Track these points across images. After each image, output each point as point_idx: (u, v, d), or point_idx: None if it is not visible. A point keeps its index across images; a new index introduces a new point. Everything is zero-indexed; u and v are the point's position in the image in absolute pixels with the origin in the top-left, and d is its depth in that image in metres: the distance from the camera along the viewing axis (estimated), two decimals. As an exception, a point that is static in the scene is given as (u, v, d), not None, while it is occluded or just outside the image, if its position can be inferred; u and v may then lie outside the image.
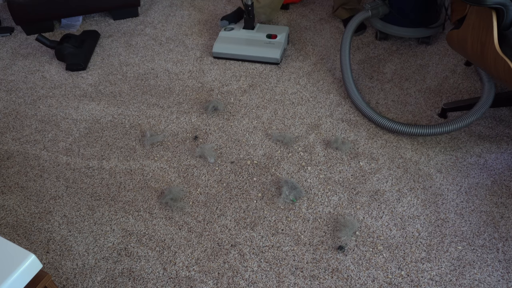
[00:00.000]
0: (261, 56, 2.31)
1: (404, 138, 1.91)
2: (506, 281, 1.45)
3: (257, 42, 2.35)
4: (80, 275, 1.51)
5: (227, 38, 2.40)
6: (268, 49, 2.31)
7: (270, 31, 2.40)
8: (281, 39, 2.35)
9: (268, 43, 2.34)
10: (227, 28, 2.45)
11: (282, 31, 2.39)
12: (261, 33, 2.39)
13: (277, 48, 2.31)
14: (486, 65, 1.64)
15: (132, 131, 2.01)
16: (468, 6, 1.61)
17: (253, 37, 2.38)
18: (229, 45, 2.36)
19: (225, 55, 2.37)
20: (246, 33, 2.41)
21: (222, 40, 2.39)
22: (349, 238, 1.57)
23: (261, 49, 2.31)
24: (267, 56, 2.30)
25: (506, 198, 1.67)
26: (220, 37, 2.42)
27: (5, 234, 1.64)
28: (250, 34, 2.40)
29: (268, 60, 2.32)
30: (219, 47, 2.37)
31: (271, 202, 1.70)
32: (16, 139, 2.00)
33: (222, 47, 2.36)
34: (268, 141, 1.93)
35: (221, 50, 2.36)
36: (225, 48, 2.35)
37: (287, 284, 1.47)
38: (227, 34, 2.43)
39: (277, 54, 2.29)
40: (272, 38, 2.36)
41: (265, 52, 2.30)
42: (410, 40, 2.43)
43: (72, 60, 2.33)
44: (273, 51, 2.30)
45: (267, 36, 2.37)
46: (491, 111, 2.00)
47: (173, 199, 1.71)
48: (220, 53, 2.36)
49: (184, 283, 1.48)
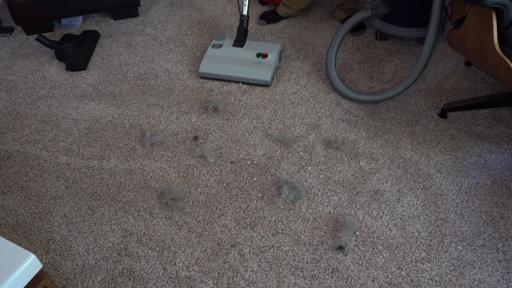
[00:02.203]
0: (250, 77, 2.18)
1: (404, 138, 1.91)
2: (506, 281, 1.45)
3: (246, 62, 2.21)
4: (80, 275, 1.51)
5: (215, 57, 2.25)
6: (258, 70, 2.17)
7: (260, 49, 2.26)
8: (272, 58, 2.21)
9: (258, 63, 2.20)
10: (215, 45, 2.30)
11: (273, 50, 2.25)
12: (251, 52, 2.25)
13: (267, 69, 2.17)
14: (486, 65, 1.64)
15: (132, 131, 2.01)
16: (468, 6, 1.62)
17: (242, 56, 2.23)
18: (217, 64, 2.22)
19: (212, 76, 2.23)
20: (235, 51, 2.26)
21: (209, 58, 2.25)
22: (349, 238, 1.57)
23: (250, 69, 2.18)
24: (256, 78, 2.17)
25: (506, 198, 1.67)
26: (207, 55, 2.27)
27: (5, 234, 1.65)
28: (239, 53, 2.25)
29: (258, 82, 2.19)
30: (206, 66, 2.23)
31: (271, 202, 1.70)
32: (16, 139, 2.00)
33: (209, 67, 2.22)
34: (268, 141, 1.93)
35: (208, 70, 2.22)
36: (212, 67, 2.22)
37: (287, 284, 1.47)
38: (215, 52, 2.27)
39: (267, 76, 2.16)
40: (263, 57, 2.22)
41: (255, 73, 2.17)
42: (410, 40, 2.43)
43: (72, 60, 2.33)
44: (263, 72, 2.16)
45: (257, 55, 2.23)
46: (491, 111, 2.00)
47: (173, 199, 1.71)
48: (206, 73, 2.23)
49: (184, 283, 1.48)
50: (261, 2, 2.77)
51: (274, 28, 2.58)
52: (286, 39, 2.50)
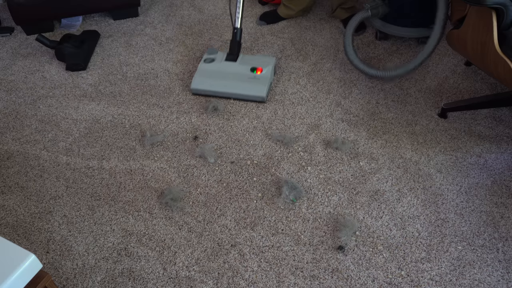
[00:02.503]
0: (244, 93, 2.08)
1: (404, 138, 1.91)
2: (506, 281, 1.45)
3: (240, 77, 2.11)
4: (80, 275, 1.51)
5: (207, 72, 2.15)
6: (253, 86, 2.08)
7: (254, 63, 2.16)
8: (267, 73, 2.12)
9: (253, 78, 2.10)
10: (207, 59, 2.20)
11: (268, 63, 2.16)
12: (244, 66, 2.15)
13: (262, 84, 2.08)
14: (486, 65, 1.64)
15: (132, 131, 2.01)
16: (468, 6, 1.62)
17: (236, 71, 2.13)
18: (209, 80, 2.12)
19: (204, 92, 2.13)
20: (228, 66, 2.16)
21: (201, 74, 2.15)
22: (349, 238, 1.57)
23: (244, 85, 2.09)
24: (251, 94, 2.08)
25: (506, 198, 1.67)
26: (199, 70, 2.17)
27: (5, 234, 1.65)
28: (232, 68, 2.15)
29: (253, 99, 2.09)
30: (198, 82, 2.13)
31: (271, 202, 1.70)
32: (16, 139, 2.00)
33: (201, 83, 2.12)
34: (268, 141, 1.93)
35: (200, 86, 2.12)
36: (205, 83, 2.12)
37: (287, 284, 1.47)
38: (207, 67, 2.17)
39: (263, 92, 2.06)
40: (257, 71, 2.12)
41: (249, 89, 2.07)
42: (410, 40, 2.43)
43: (72, 60, 2.33)
44: (258, 87, 2.07)
45: (251, 70, 2.13)
46: (491, 111, 2.00)
47: (173, 199, 1.71)
48: (199, 89, 2.13)
49: (184, 283, 1.48)
50: (261, 2, 2.77)
51: (274, 28, 2.58)
52: (286, 39, 2.50)
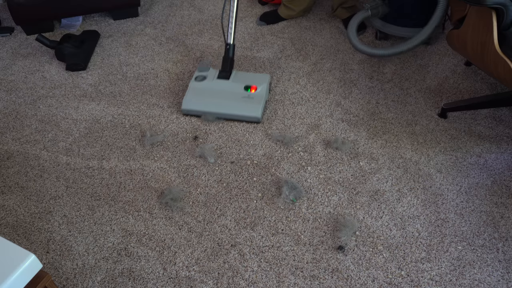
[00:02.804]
0: (238, 114, 1.98)
1: (404, 138, 1.92)
2: (506, 281, 1.45)
3: (233, 96, 2.00)
4: (80, 275, 1.51)
5: (199, 91, 2.04)
6: (247, 105, 1.97)
7: (248, 80, 2.06)
8: (261, 91, 2.01)
9: (247, 97, 1.99)
10: (198, 77, 2.09)
11: (262, 81, 2.05)
12: (238, 84, 2.04)
13: (257, 103, 1.98)
14: (486, 65, 1.64)
15: (132, 131, 2.01)
16: (468, 6, 1.62)
17: (229, 90, 2.02)
18: (201, 99, 2.02)
19: (196, 112, 2.03)
20: (221, 84, 2.05)
21: (192, 93, 2.04)
22: (349, 238, 1.57)
23: (238, 105, 1.98)
24: (246, 115, 1.97)
25: (506, 198, 1.67)
26: (190, 89, 2.06)
27: (5, 234, 1.65)
28: (225, 86, 2.04)
29: (247, 119, 1.99)
30: (189, 102, 2.02)
31: (271, 202, 1.70)
32: (16, 139, 2.00)
33: (192, 103, 2.02)
34: (268, 141, 1.93)
35: (191, 107, 2.01)
36: (196, 103, 2.01)
37: (287, 284, 1.47)
38: (199, 85, 2.06)
39: (258, 112, 1.96)
40: (251, 90, 2.01)
41: (243, 109, 1.97)
42: (410, 40, 2.43)
43: (72, 60, 2.33)
44: (253, 107, 1.97)
45: (245, 88, 2.02)
46: (491, 111, 2.00)
47: (173, 199, 1.71)
48: (190, 110, 2.02)
49: (184, 283, 1.48)
50: (261, 2, 2.77)
51: (274, 28, 2.58)
52: (286, 39, 2.50)
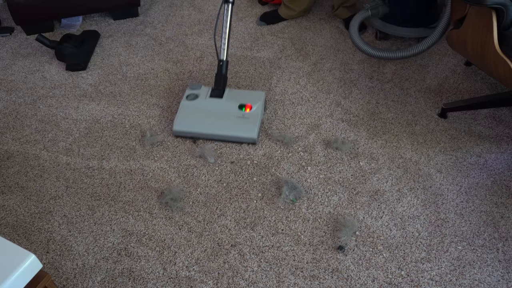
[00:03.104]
0: (233, 135, 1.88)
1: (404, 138, 1.91)
2: (506, 281, 1.45)
3: (227, 116, 1.90)
4: (80, 275, 1.51)
5: (191, 110, 1.93)
6: (242, 126, 1.88)
7: (242, 99, 1.96)
8: (257, 110, 1.92)
9: (241, 116, 1.90)
10: (190, 96, 1.98)
11: (257, 99, 1.95)
12: (232, 103, 1.94)
13: (252, 123, 1.88)
14: (486, 65, 1.64)
15: (132, 131, 2.01)
16: (468, 6, 1.62)
17: (223, 109, 1.92)
18: (193, 120, 1.91)
19: (189, 134, 1.92)
20: (214, 103, 1.94)
21: (184, 113, 1.93)
22: (349, 238, 1.57)
23: (232, 125, 1.88)
24: (241, 136, 1.88)
25: (506, 198, 1.67)
26: (181, 108, 1.95)
27: (5, 234, 1.65)
28: (218, 105, 1.94)
29: (243, 140, 1.90)
30: (181, 123, 1.91)
31: (271, 202, 1.70)
32: (16, 139, 2.00)
33: (184, 124, 1.91)
34: (268, 141, 1.93)
35: (183, 128, 1.91)
36: (189, 125, 1.90)
37: (287, 284, 1.47)
38: (190, 104, 1.95)
39: (253, 133, 1.86)
40: (246, 109, 1.92)
41: (238, 129, 1.87)
42: (410, 40, 2.43)
43: (72, 60, 2.33)
44: (248, 128, 1.87)
45: (239, 107, 1.93)
46: (491, 111, 2.00)
47: (173, 199, 1.71)
48: (182, 131, 1.92)
49: (184, 283, 1.48)
50: (261, 2, 2.77)
51: (274, 28, 2.58)
52: (286, 39, 2.50)
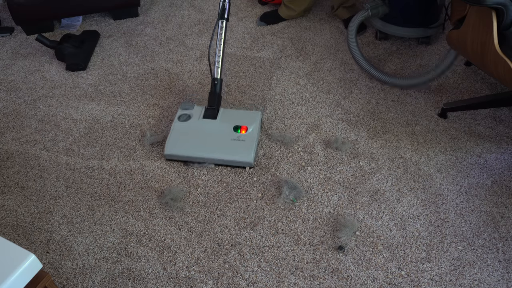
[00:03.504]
0: (228, 159, 1.78)
1: (404, 138, 1.91)
2: (506, 281, 1.45)
3: (221, 138, 1.81)
4: (80, 275, 1.51)
5: (183, 132, 1.84)
6: (237, 149, 1.78)
7: (238, 119, 1.87)
8: (253, 132, 1.83)
9: (237, 139, 1.80)
10: (182, 116, 1.89)
11: (253, 120, 1.86)
12: (226, 124, 1.85)
13: (248, 146, 1.79)
14: (486, 65, 1.64)
15: (132, 131, 2.01)
16: (468, 6, 1.61)
17: (217, 131, 1.83)
18: (186, 143, 1.81)
19: (181, 158, 1.82)
20: (207, 124, 1.86)
21: (176, 135, 1.83)
22: (349, 238, 1.57)
23: (227, 148, 1.79)
24: (236, 160, 1.78)
25: (506, 198, 1.67)
26: (173, 130, 1.85)
27: (5, 234, 1.65)
28: (212, 127, 1.85)
29: (238, 164, 1.80)
30: (172, 146, 1.81)
31: (271, 202, 1.70)
32: (16, 139, 2.00)
33: (176, 147, 1.81)
34: (268, 141, 1.93)
35: (175, 152, 1.80)
36: (181, 148, 1.80)
37: (287, 284, 1.47)
38: (183, 126, 1.86)
39: (249, 157, 1.77)
40: (241, 131, 1.83)
41: (233, 153, 1.78)
42: (410, 40, 2.43)
43: (72, 60, 2.33)
44: (244, 152, 1.78)
45: (234, 129, 1.83)
46: (491, 111, 2.00)
47: (173, 199, 1.71)
48: (173, 155, 1.81)
49: (184, 283, 1.48)
50: (261, 2, 2.77)
51: (274, 28, 2.58)
52: (286, 39, 2.50)
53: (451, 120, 1.98)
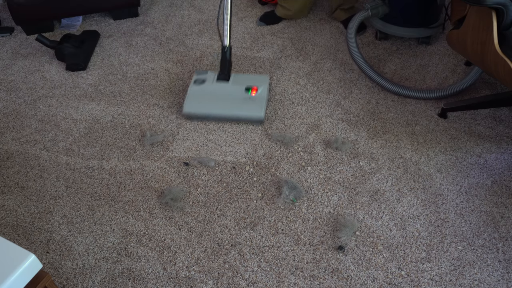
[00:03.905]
0: (241, 115, 1.98)
1: (404, 138, 1.91)
2: (506, 281, 1.45)
3: (235, 98, 2.01)
4: (80, 275, 1.51)
5: (199, 94, 2.03)
6: (249, 106, 1.97)
7: (248, 82, 2.07)
8: (263, 92, 2.03)
9: (248, 98, 2.00)
10: (197, 80, 2.08)
11: (262, 82, 2.08)
12: (238, 86, 2.05)
13: (259, 104, 1.98)
14: (486, 65, 1.64)
15: (132, 131, 2.01)
16: (468, 6, 1.62)
17: (230, 92, 2.02)
18: (202, 103, 2.00)
19: (198, 115, 2.01)
20: (221, 86, 2.05)
21: (193, 96, 2.02)
22: (349, 238, 1.57)
23: (240, 106, 1.98)
24: (249, 115, 1.97)
25: (506, 198, 1.67)
26: (190, 92, 2.04)
27: (5, 234, 1.65)
28: (226, 88, 2.04)
29: (250, 120, 1.99)
30: (190, 105, 2.00)
31: (271, 202, 1.70)
32: (16, 139, 2.00)
33: (194, 106, 2.00)
34: (268, 141, 1.93)
35: (193, 110, 1.99)
36: (198, 106, 1.99)
37: (287, 284, 1.47)
38: (199, 88, 2.05)
39: (261, 112, 1.96)
40: (252, 91, 2.02)
41: (246, 110, 1.97)
42: (410, 40, 2.43)
43: (72, 60, 2.33)
44: (255, 108, 1.97)
45: (246, 90, 2.03)
46: (491, 111, 2.00)
47: (173, 199, 1.71)
48: (191, 113, 2.00)
49: (184, 283, 1.48)
50: (261, 2, 2.77)
51: (274, 28, 2.58)
52: (286, 39, 2.50)
53: (451, 120, 1.98)
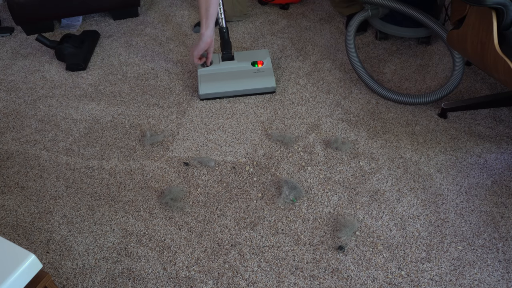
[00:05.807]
0: (255, 87, 2.11)
1: (404, 138, 1.92)
2: (506, 281, 1.45)
3: (244, 73, 2.13)
4: (80, 275, 1.51)
5: (209, 75, 2.12)
6: (261, 78, 2.11)
7: (251, 57, 2.20)
8: (268, 63, 2.16)
9: (257, 71, 2.13)
10: (203, 64, 2.16)
11: (265, 55, 2.20)
12: (244, 62, 2.17)
13: (269, 76, 2.12)
14: (486, 65, 1.64)
15: (132, 131, 2.01)
16: (468, 6, 1.61)
17: (239, 69, 2.15)
18: (216, 83, 2.10)
19: (215, 95, 2.11)
20: (228, 65, 2.16)
21: (205, 79, 2.11)
22: (349, 238, 1.57)
23: (252, 80, 2.11)
24: (263, 87, 2.11)
25: (506, 198, 1.67)
26: (201, 76, 2.12)
27: (5, 234, 1.65)
28: (233, 66, 2.16)
29: (265, 90, 2.13)
30: (206, 88, 2.09)
31: (271, 202, 1.70)
32: (16, 139, 2.00)
33: (209, 87, 2.09)
34: (268, 141, 1.93)
35: (209, 91, 2.09)
36: (213, 87, 2.09)
37: (287, 284, 1.47)
38: (207, 70, 2.14)
39: (272, 82, 2.11)
40: (258, 65, 2.15)
41: (259, 82, 2.10)
42: (410, 40, 2.43)
43: (72, 60, 2.33)
44: (266, 79, 2.11)
45: (252, 64, 2.16)
46: (491, 111, 2.00)
47: (173, 199, 1.71)
48: (208, 94, 2.10)
49: (184, 283, 1.48)
50: (260, 2, 2.77)
51: (274, 28, 2.58)
52: (286, 39, 2.50)
53: (451, 120, 1.98)
